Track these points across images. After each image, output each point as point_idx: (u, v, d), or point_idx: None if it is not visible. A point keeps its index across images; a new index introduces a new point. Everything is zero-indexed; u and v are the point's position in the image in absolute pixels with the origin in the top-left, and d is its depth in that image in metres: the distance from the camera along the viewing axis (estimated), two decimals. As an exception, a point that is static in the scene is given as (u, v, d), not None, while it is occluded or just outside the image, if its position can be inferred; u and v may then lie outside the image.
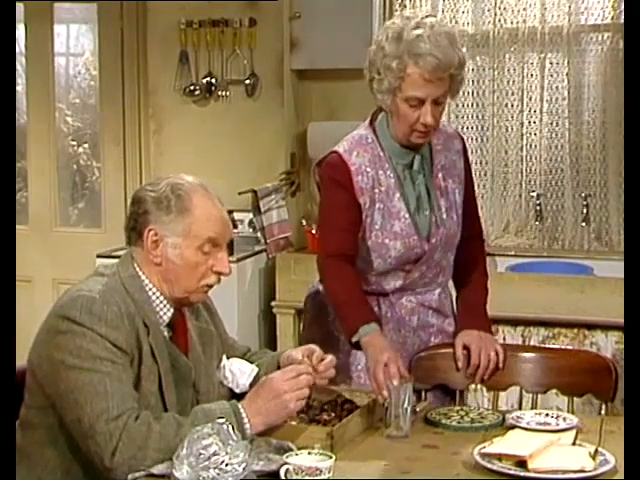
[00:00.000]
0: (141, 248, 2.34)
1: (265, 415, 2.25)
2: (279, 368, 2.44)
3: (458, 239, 2.95)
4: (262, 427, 2.25)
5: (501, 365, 2.84)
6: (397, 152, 2.87)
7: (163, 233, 2.31)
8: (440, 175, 2.90)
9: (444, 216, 2.88)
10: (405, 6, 4.71)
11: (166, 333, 2.36)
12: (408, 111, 2.75)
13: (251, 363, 2.53)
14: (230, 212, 2.66)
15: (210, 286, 2.38)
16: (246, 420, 2.23)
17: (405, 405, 2.42)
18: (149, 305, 2.32)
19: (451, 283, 3.05)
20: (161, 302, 2.35)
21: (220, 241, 2.35)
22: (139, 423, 2.15)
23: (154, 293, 2.34)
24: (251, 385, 2.43)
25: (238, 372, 2.47)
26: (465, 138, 3.06)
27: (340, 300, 2.83)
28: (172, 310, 2.36)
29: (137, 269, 2.34)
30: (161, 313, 2.35)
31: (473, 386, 3.01)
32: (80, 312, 2.20)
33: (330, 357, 2.45)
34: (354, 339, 2.76)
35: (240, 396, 2.37)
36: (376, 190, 2.84)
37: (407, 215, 2.84)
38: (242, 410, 2.24)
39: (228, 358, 2.51)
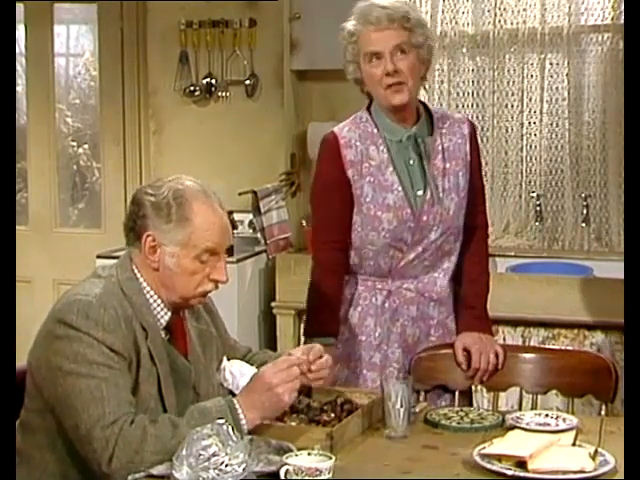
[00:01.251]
0: (139, 250, 2.33)
1: (261, 409, 2.24)
2: None
3: (461, 223, 2.93)
4: (258, 421, 2.24)
5: (500, 367, 2.85)
6: (389, 128, 2.89)
7: (161, 241, 2.29)
8: (440, 156, 2.90)
9: (441, 195, 2.88)
10: (405, 6, 4.70)
11: (164, 335, 2.35)
12: (372, 70, 2.81)
13: (252, 363, 2.53)
14: (230, 213, 2.66)
15: (207, 292, 2.37)
16: (242, 415, 2.22)
17: (397, 406, 2.40)
18: (147, 308, 2.31)
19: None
20: (159, 305, 2.34)
21: (218, 250, 2.33)
22: (134, 427, 2.14)
23: (152, 296, 2.33)
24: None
25: (238, 374, 2.46)
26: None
27: (315, 302, 2.94)
28: (170, 313, 2.35)
29: (135, 271, 2.33)
30: (159, 316, 2.34)
31: (473, 387, 3.00)
32: (77, 316, 2.19)
33: (326, 357, 2.43)
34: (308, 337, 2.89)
35: (240, 397, 2.37)
36: (365, 164, 2.87)
37: (400, 188, 2.86)
38: (237, 405, 2.23)
39: (229, 359, 2.51)
